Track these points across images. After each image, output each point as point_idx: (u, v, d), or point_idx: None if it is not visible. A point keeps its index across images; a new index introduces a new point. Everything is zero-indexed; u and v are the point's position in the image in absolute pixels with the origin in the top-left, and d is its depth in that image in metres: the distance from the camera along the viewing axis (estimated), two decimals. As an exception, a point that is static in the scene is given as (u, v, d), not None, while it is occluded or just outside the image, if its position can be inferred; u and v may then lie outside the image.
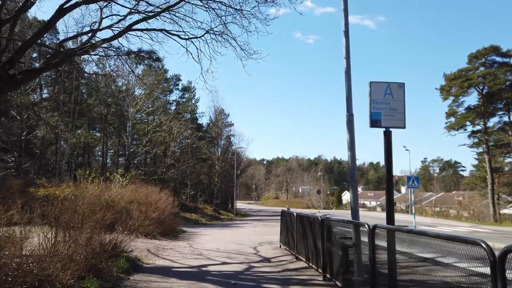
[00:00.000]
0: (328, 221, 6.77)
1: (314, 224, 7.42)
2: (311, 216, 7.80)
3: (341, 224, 6.54)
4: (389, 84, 5.72)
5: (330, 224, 6.80)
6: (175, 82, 46.39)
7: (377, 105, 5.65)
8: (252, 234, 15.83)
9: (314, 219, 7.40)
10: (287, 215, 10.17)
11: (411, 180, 20.38)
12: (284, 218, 10.65)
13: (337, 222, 6.62)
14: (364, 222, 5.10)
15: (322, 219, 6.83)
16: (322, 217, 6.86)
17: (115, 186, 16.00)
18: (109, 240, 7.84)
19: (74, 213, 6.43)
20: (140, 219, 13.30)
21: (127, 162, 31.98)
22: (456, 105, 39.47)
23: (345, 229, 6.56)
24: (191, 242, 12.76)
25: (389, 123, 5.66)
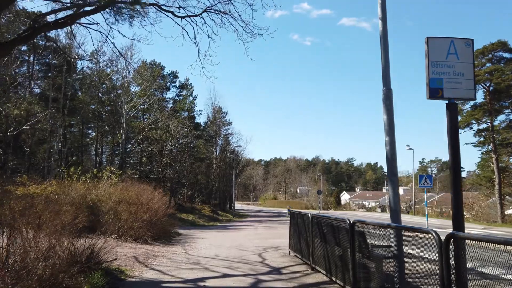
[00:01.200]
0: (359, 225, 5.33)
1: (340, 229, 5.97)
2: (334, 219, 6.35)
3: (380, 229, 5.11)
4: (453, 41, 4.28)
5: (362, 230, 5.37)
6: (172, 79, 44.91)
7: (437, 68, 4.22)
8: (255, 238, 14.37)
9: (340, 223, 5.96)
10: (299, 217, 8.72)
11: (423, 179, 19.02)
12: (295, 220, 9.20)
13: (375, 227, 5.19)
14: (428, 228, 3.66)
15: (352, 223, 5.38)
16: (352, 221, 5.41)
17: (103, 184, 14.53)
18: (84, 247, 6.36)
19: (30, 215, 4.93)
20: (130, 221, 11.84)
21: (121, 161, 30.49)
22: (462, 103, 38.18)
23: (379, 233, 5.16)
24: (187, 247, 11.28)
25: (454, 92, 4.24)
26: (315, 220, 7.41)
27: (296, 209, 46.73)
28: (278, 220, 29.26)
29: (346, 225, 5.59)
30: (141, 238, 11.69)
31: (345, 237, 5.75)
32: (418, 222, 26.82)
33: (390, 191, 5.26)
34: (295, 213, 9.28)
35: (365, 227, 5.41)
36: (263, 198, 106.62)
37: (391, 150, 5.23)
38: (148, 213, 12.28)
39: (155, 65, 40.62)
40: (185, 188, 39.74)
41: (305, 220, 8.01)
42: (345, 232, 5.70)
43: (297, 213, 9.05)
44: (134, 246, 10.54)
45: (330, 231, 6.54)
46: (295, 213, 9.22)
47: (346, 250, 5.92)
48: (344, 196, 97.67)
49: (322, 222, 7.00)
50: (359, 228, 5.40)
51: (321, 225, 7.11)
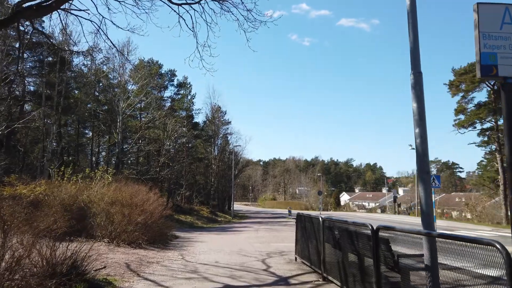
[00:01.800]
0: (385, 231, 4.55)
1: (359, 235, 5.19)
2: (352, 224, 5.56)
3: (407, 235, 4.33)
4: (508, 8, 3.50)
5: (387, 237, 4.59)
6: (170, 77, 44.09)
7: (489, 41, 3.45)
8: (256, 241, 13.57)
9: (360, 229, 5.17)
10: (307, 221, 7.92)
11: (431, 179, 18.21)
12: (302, 224, 8.40)
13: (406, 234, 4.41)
14: (490, 239, 2.88)
15: (376, 229, 4.60)
16: (376, 227, 4.62)
17: (96, 184, 13.72)
18: (65, 256, 5.55)
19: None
20: (123, 224, 11.03)
21: (117, 160, 29.69)
22: (465, 102, 37.56)
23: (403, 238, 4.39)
24: (184, 252, 10.47)
25: (510, 70, 3.45)
26: (327, 224, 6.62)
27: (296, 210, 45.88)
28: (279, 222, 28.48)
29: (368, 231, 4.81)
30: (135, 242, 10.88)
31: (366, 244, 4.97)
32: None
33: (421, 191, 4.48)
34: (302, 216, 8.48)
35: (391, 234, 4.62)
36: (262, 198, 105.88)
37: (422, 143, 4.45)
38: (142, 215, 11.48)
39: (152, 63, 39.85)
40: (183, 189, 38.92)
41: (315, 224, 7.22)
42: (366, 239, 4.92)
43: (305, 216, 8.25)
44: (127, 251, 9.74)
45: (346, 237, 5.76)
46: (303, 216, 8.42)
47: (367, 259, 5.14)
48: (343, 196, 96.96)
49: (336, 226, 6.21)
50: (384, 234, 4.62)
51: (334, 230, 6.32)
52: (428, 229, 4.33)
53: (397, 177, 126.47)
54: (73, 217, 12.02)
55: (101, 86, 33.06)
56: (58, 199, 11.71)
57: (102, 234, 11.09)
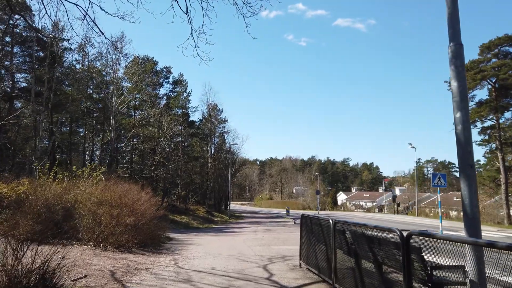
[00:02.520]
0: (418, 237, 3.72)
1: (382, 242, 4.36)
2: (374, 228, 4.72)
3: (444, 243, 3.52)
4: None
5: (419, 246, 3.77)
6: (165, 74, 43.16)
7: None
8: (256, 244, 12.71)
9: (385, 234, 4.34)
10: (315, 223, 7.07)
11: (436, 178, 17.46)
12: (308, 226, 7.56)
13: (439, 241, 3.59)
14: None
15: (408, 236, 3.76)
16: (408, 233, 3.79)
17: (83, 183, 12.81)
18: (32, 266, 4.68)
19: None
20: (111, 226, 10.14)
21: (110, 159, 28.79)
22: (467, 99, 36.88)
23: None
24: (178, 256, 9.60)
25: None
26: (340, 228, 5.78)
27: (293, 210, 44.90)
28: (277, 222, 27.65)
29: (395, 238, 3.98)
30: (124, 246, 10.01)
31: (391, 253, 4.14)
32: (430, 225, 25.41)
33: (463, 189, 3.65)
34: (308, 217, 7.62)
35: (426, 241, 3.79)
36: (259, 198, 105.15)
37: (464, 131, 3.63)
38: (132, 216, 10.59)
39: (147, 60, 38.95)
40: (178, 188, 38.04)
41: (324, 227, 6.38)
42: (393, 247, 4.09)
43: (311, 218, 7.40)
44: (114, 256, 8.87)
45: (364, 243, 4.92)
46: (309, 218, 7.57)
47: (392, 270, 4.31)
48: (340, 196, 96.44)
49: (351, 230, 5.37)
50: (416, 242, 3.79)
51: (349, 234, 5.49)
52: (474, 236, 3.50)
53: (394, 176, 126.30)
54: (58, 219, 11.20)
55: (94, 82, 32.11)
56: (41, 199, 10.81)
57: (88, 237, 10.21)
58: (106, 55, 29.17)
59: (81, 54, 32.09)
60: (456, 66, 3.73)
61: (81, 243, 10.22)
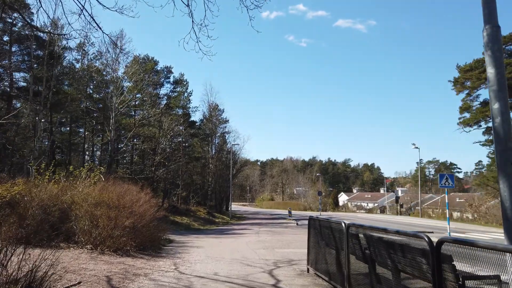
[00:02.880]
0: (450, 244, 3.28)
1: (406, 250, 3.92)
2: (395, 233, 4.28)
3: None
4: None
5: (450, 255, 3.33)
6: (166, 74, 42.70)
7: None
8: (259, 246, 12.26)
9: (409, 240, 3.89)
10: (324, 226, 6.63)
11: (444, 178, 17.00)
12: (316, 229, 7.11)
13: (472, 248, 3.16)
14: None
15: (438, 243, 3.33)
16: (439, 240, 3.36)
17: (81, 184, 12.39)
18: (19, 272, 4.24)
19: None
20: (108, 228, 9.72)
21: (110, 159, 28.38)
22: (471, 99, 36.46)
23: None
24: (178, 260, 9.16)
25: None
26: (353, 232, 5.34)
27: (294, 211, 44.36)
28: (280, 223, 27.19)
29: (423, 245, 3.54)
30: (122, 249, 9.58)
31: (415, 261, 3.71)
32: (436, 226, 24.95)
33: (503, 190, 3.22)
34: (317, 220, 7.18)
35: (457, 248, 3.35)
36: (260, 199, 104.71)
37: (504, 124, 3.19)
38: (131, 218, 10.16)
39: (148, 60, 38.57)
40: (179, 189, 37.61)
41: (336, 230, 5.93)
42: (420, 255, 3.65)
43: (320, 221, 6.95)
44: (111, 260, 8.44)
45: (382, 248, 4.49)
46: (318, 220, 7.12)
47: (417, 280, 3.87)
48: (341, 197, 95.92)
49: (367, 235, 4.93)
50: (447, 249, 3.36)
51: (364, 239, 5.05)
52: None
53: (395, 177, 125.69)
54: (54, 220, 10.77)
55: (94, 82, 31.74)
56: (36, 200, 10.40)
57: (85, 239, 9.79)
58: (106, 54, 28.80)
59: (80, 53, 31.77)
60: (493, 51, 3.30)
61: (78, 246, 9.80)
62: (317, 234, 7.03)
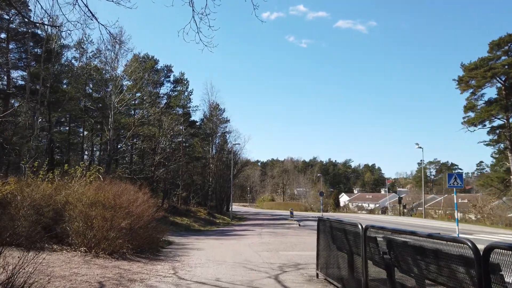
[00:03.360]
0: (497, 253, 2.74)
1: (441, 257, 3.36)
2: (427, 237, 3.71)
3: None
4: None
5: (497, 263, 2.79)
6: (166, 73, 42.19)
7: None
8: (263, 249, 11.70)
9: (447, 247, 3.33)
10: (336, 228, 6.07)
11: (452, 178, 16.45)
12: (327, 231, 6.55)
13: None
14: None
15: (486, 251, 2.78)
16: (487, 247, 2.81)
17: (76, 183, 11.84)
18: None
19: None
20: (104, 229, 9.18)
21: (109, 159, 27.88)
22: (475, 98, 35.93)
23: None
24: (177, 264, 8.62)
25: None
26: (372, 235, 4.79)
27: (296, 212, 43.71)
28: (282, 224, 26.63)
29: (465, 252, 2.99)
30: (118, 252, 9.04)
31: (449, 269, 3.17)
32: (443, 227, 24.36)
33: None
34: (328, 221, 6.62)
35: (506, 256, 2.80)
36: (261, 199, 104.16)
37: None
38: (128, 219, 9.62)
39: (148, 59, 38.08)
40: (179, 189, 37.07)
41: (350, 233, 5.38)
42: (460, 263, 3.11)
43: (331, 222, 6.39)
44: (106, 264, 7.90)
45: (408, 254, 3.94)
46: (328, 222, 6.56)
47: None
48: (342, 197, 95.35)
49: (389, 239, 4.37)
50: (495, 257, 2.81)
51: (385, 243, 4.50)
52: None
53: (396, 178, 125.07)
54: (47, 221, 10.25)
55: (93, 80, 31.23)
56: (28, 200, 9.87)
57: (79, 241, 9.25)
58: (105, 52, 28.29)
59: (79, 51, 31.26)
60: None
61: (71, 248, 9.27)
62: (327, 237, 6.48)
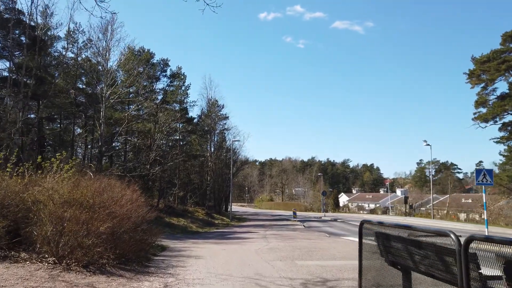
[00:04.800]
0: None
1: None
2: None
3: None
4: None
5: None
6: (162, 67, 40.29)
7: None
8: (273, 257, 9.81)
9: None
10: (396, 239, 4.23)
11: (481, 175, 14.68)
12: (379, 242, 4.72)
13: None
14: None
15: None
16: None
17: (51, 178, 9.95)
18: None
19: None
20: (79, 234, 7.32)
21: (100, 155, 26.02)
22: (487, 93, 34.26)
23: None
24: (171, 280, 6.76)
25: None
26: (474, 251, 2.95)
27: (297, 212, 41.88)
28: (285, 225, 24.79)
29: None
30: (96, 264, 7.18)
31: None
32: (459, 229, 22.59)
33: None
34: (377, 226, 4.77)
35: None
36: (259, 199, 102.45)
37: None
38: (109, 221, 7.75)
39: (143, 52, 36.23)
40: (176, 188, 35.22)
41: (430, 247, 3.55)
42: None
43: (388, 228, 4.53)
44: (77, 281, 6.05)
45: None
46: (380, 227, 4.71)
47: None
48: (342, 197, 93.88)
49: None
50: None
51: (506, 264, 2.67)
52: None
53: (394, 178, 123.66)
54: (11, 225, 8.42)
55: (83, 70, 29.36)
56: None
57: (48, 250, 7.38)
58: (97, 43, 26.41)
59: (68, 40, 29.31)
60: None
61: (38, 258, 7.42)
62: (380, 249, 4.63)
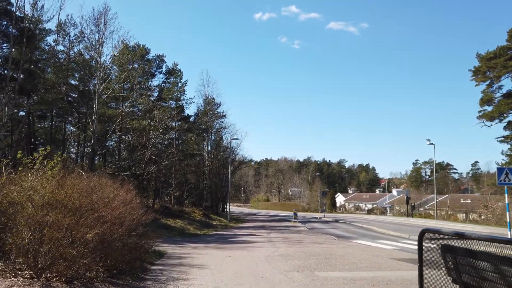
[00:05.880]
0: None
1: None
2: None
3: None
4: None
5: None
6: (158, 63, 38.94)
7: None
8: (290, 267, 8.60)
9: None
10: (484, 257, 3.10)
11: (503, 174, 13.67)
12: (452, 258, 3.58)
13: None
14: None
15: None
16: None
17: (33, 176, 8.73)
18: None
19: None
20: (62, 243, 6.11)
21: (92, 153, 24.71)
22: (492, 90, 33.38)
23: None
24: (172, 298, 5.56)
25: None
26: None
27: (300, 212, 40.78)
28: (287, 227, 23.65)
29: None
30: (82, 278, 5.98)
31: None
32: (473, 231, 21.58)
33: None
34: (449, 237, 3.62)
35: None
36: (255, 199, 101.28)
37: None
38: (98, 227, 6.53)
39: (138, 47, 34.90)
40: (172, 188, 33.95)
41: None
42: None
43: (468, 240, 3.39)
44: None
45: None
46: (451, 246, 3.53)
47: None
48: (338, 197, 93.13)
49: None
50: None
51: None
52: None
53: (390, 178, 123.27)
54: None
55: (76, 64, 28.02)
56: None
57: (25, 261, 6.17)
58: (90, 36, 25.09)
59: (60, 34, 27.93)
60: None
61: (13, 271, 6.21)
62: (448, 267, 3.49)
